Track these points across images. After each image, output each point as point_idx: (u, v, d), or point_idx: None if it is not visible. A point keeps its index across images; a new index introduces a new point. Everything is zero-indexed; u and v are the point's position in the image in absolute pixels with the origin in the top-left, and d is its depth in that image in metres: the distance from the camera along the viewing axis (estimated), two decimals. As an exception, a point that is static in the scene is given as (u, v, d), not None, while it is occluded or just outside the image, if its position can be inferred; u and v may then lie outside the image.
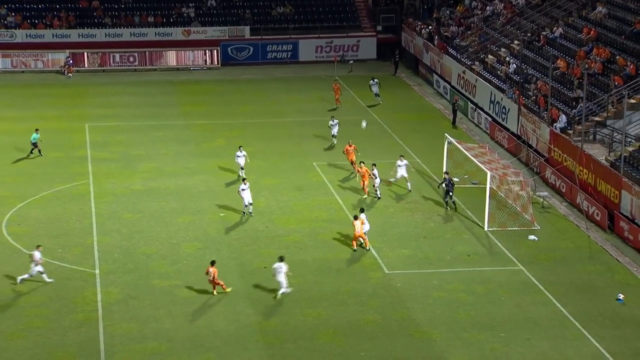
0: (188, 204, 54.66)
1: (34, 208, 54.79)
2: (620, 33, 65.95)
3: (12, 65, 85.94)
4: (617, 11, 68.89)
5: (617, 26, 67.08)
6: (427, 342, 40.98)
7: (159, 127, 70.23)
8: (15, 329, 41.62)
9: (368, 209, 53.94)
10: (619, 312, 44.00)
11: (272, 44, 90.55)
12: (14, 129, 69.12)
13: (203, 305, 43.81)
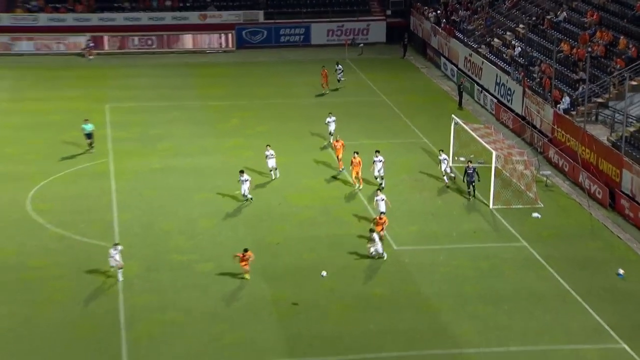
0: (204, 182, 54.81)
1: (56, 185, 55.03)
2: (622, 17, 65.83)
3: (35, 48, 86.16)
4: (619, -4, 68.85)
5: (620, 10, 66.97)
6: (433, 314, 41.16)
7: (176, 107, 70.38)
8: (39, 301, 41.94)
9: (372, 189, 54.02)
10: (619, 287, 44.12)
11: (285, 28, 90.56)
12: (37, 109, 69.40)
13: (219, 278, 44.03)
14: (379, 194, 49.39)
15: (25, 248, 47.04)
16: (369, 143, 61.91)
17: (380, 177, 54.29)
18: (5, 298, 42.21)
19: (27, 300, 42.04)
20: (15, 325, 39.93)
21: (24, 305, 41.53)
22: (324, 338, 39.17)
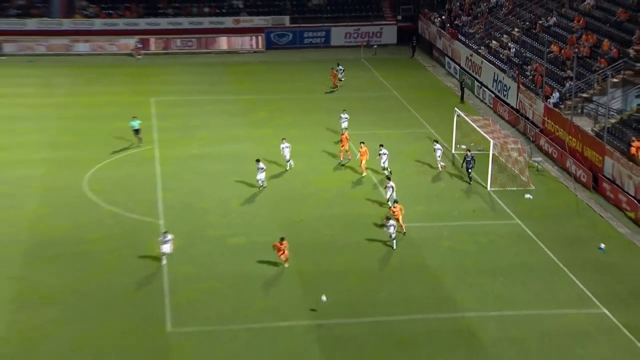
0: (237, 167, 54.87)
1: (109, 169, 55.17)
2: (605, 22, 65.45)
3: (91, 49, 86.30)
4: (603, 3, 68.32)
5: (603, 16, 66.58)
6: (438, 284, 41.17)
7: (212, 101, 70.42)
8: (94, 269, 42.17)
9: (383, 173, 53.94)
10: (600, 259, 44.10)
11: (308, 31, 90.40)
12: (92, 103, 69.59)
13: (249, 252, 44.09)
14: (389, 182, 49.08)
15: (82, 223, 47.29)
16: (382, 133, 61.98)
17: (385, 168, 53.82)
18: (64, 267, 42.45)
19: (83, 269, 42.31)
20: (71, 292, 40.18)
21: (80, 274, 41.78)
22: (341, 304, 39.21)
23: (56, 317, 38.04)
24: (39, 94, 72.06)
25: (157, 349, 35.84)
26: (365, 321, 37.94)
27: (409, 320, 38.04)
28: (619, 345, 36.58)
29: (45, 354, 35.49)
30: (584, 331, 37.52)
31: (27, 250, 44.12)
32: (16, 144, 59.36)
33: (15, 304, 39.13)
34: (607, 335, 37.32)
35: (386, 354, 35.66)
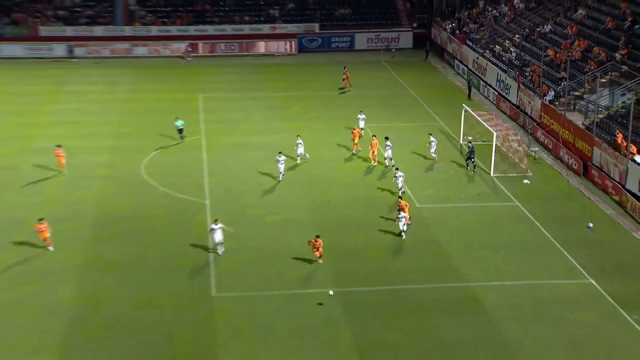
0: (272, 155, 54.83)
1: (162, 156, 55.45)
2: (595, 29, 65.09)
3: (148, 52, 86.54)
4: (593, 13, 68.05)
5: (593, 24, 66.21)
6: (446, 258, 41.20)
7: (251, 97, 70.46)
8: (147, 244, 42.50)
9: (403, 161, 53.95)
10: (588, 237, 43.99)
11: (335, 37, 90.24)
12: (149, 98, 69.88)
13: (282, 228, 44.29)
14: (398, 172, 48.64)
15: (139, 203, 47.63)
16: (399, 125, 61.98)
17: (389, 158, 53.15)
18: (125, 241, 42.84)
19: (141, 242, 42.68)
20: (132, 261, 40.58)
21: (139, 246, 42.18)
22: (362, 274, 39.41)
23: (118, 282, 38.46)
24: (104, 91, 72.40)
25: (203, 311, 36.13)
26: (383, 289, 38.06)
27: (420, 288, 38.13)
28: (603, 312, 36.56)
29: (109, 313, 35.94)
30: (573, 299, 37.52)
31: (95, 225, 44.56)
32: (85, 134, 59.77)
33: (85, 270, 39.59)
34: (594, 302, 37.30)
35: (401, 317, 35.78)
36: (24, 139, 58.60)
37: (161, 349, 33.46)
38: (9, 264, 40.05)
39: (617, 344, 34.28)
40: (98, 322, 35.29)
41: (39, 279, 38.75)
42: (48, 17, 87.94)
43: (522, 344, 34.02)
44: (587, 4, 70.46)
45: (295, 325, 34.90)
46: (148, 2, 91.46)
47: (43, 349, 33.39)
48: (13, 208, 46.69)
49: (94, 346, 33.64)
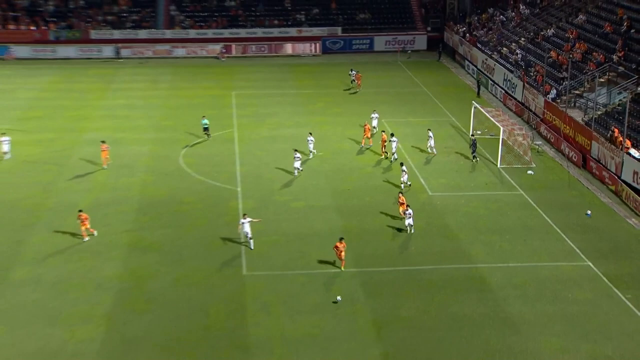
0: (298, 146, 54.99)
1: (199, 147, 55.63)
2: (594, 33, 64.66)
3: (186, 53, 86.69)
4: (593, 18, 67.57)
5: (592, 29, 65.76)
6: (456, 241, 41.19)
7: (279, 94, 70.53)
8: (186, 225, 42.78)
9: (417, 152, 53.84)
10: (587, 222, 43.83)
11: (356, 39, 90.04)
12: (187, 95, 70.12)
13: (306, 213, 44.40)
14: (403, 167, 48.09)
15: (178, 189, 47.87)
16: (414, 120, 61.87)
17: (393, 154, 52.49)
18: (164, 223, 43.12)
19: (178, 224, 42.93)
20: (171, 242, 40.85)
21: (176, 228, 42.44)
22: (378, 255, 39.49)
23: (159, 260, 38.76)
24: (147, 88, 72.73)
25: (235, 287, 36.37)
26: (399, 269, 38.11)
27: (432, 269, 38.16)
28: (599, 290, 36.49)
29: (151, 288, 36.27)
30: (572, 279, 37.42)
31: (138, 209, 44.87)
32: (130, 126, 60.12)
33: (129, 250, 39.93)
34: (590, 282, 37.20)
35: (414, 295, 35.84)
36: (76, 130, 59.05)
37: (197, 321, 33.72)
38: (63, 243, 40.49)
39: (611, 319, 34.23)
40: (141, 296, 35.62)
41: (89, 257, 39.14)
42: (98, 22, 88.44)
43: (524, 320, 34.00)
44: (587, 10, 70.10)
45: (318, 301, 35.04)
46: (187, 8, 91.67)
47: (92, 319, 33.77)
48: (66, 193, 47.14)
49: (137, 317, 33.97)
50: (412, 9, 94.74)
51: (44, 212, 44.19)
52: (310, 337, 32.57)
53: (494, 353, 31.77)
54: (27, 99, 67.92)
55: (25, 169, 50.89)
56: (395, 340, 32.42)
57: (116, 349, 31.86)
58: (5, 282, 36.63)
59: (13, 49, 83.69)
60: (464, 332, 33.07)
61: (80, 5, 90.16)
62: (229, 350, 31.78)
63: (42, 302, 35.06)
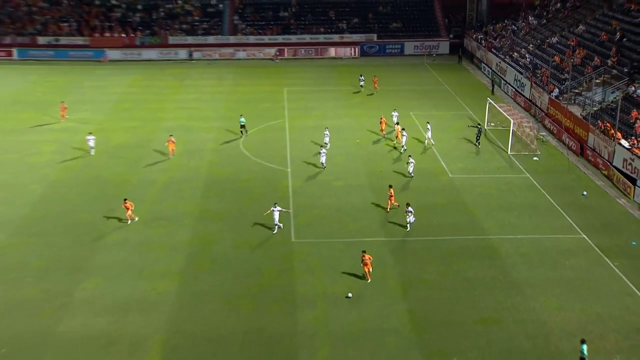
0: (339, 134, 55.11)
1: (256, 134, 55.78)
2: (592, 41, 63.52)
3: (246, 55, 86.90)
4: (591, 29, 66.35)
5: (590, 37, 64.61)
6: (471, 216, 40.97)
7: (323, 90, 70.37)
8: (244, 200, 42.89)
9: (440, 140, 53.45)
10: (583, 202, 43.31)
11: (389, 44, 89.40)
12: (246, 90, 70.24)
13: (345, 191, 44.41)
14: (410, 159, 46.72)
15: (238, 169, 48.12)
16: (437, 114, 61.35)
17: (402, 146, 51.17)
18: (227, 197, 43.46)
19: (238, 199, 43.22)
20: (232, 213, 41.17)
21: (237, 202, 42.72)
22: (405, 226, 39.33)
23: (222, 229, 39.13)
24: (214, 84, 73.06)
25: (285, 251, 36.63)
26: (422, 239, 38.06)
27: (451, 239, 38.06)
28: (592, 259, 36.18)
29: (215, 251, 36.68)
30: (569, 249, 37.09)
31: (205, 186, 45.23)
32: (199, 117, 60.55)
33: (198, 219, 40.36)
34: (585, 252, 36.86)
35: (435, 261, 35.82)
36: (156, 120, 59.69)
37: (253, 279, 34.08)
38: (144, 212, 41.13)
39: (601, 283, 33.97)
40: (207, 257, 36.07)
41: (165, 224, 39.68)
42: (175, 30, 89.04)
43: (528, 283, 33.82)
44: (586, 21, 68.94)
45: (354, 264, 35.14)
46: (247, 18, 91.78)
47: (168, 275, 34.33)
48: (147, 171, 47.78)
49: (204, 275, 34.44)
50: (437, 19, 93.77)
51: (129, 186, 44.89)
52: (346, 294, 32.75)
53: (501, 310, 31.69)
54: (117, 93, 68.81)
55: (115, 151, 51.70)
56: (419, 299, 32.47)
57: (187, 300, 32.37)
58: (101, 243, 37.41)
59: (107, 53, 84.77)
60: (477, 292, 33.01)
61: (161, 17, 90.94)
62: (279, 303, 32.11)
63: (128, 260, 35.73)
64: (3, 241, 37.37)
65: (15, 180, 45.76)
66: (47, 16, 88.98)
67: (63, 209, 41.36)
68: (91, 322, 30.62)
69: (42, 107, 62.79)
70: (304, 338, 29.65)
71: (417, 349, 29.08)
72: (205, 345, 29.26)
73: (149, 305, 31.81)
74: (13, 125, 57.72)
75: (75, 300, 32.23)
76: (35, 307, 31.70)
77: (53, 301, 32.09)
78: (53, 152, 51.07)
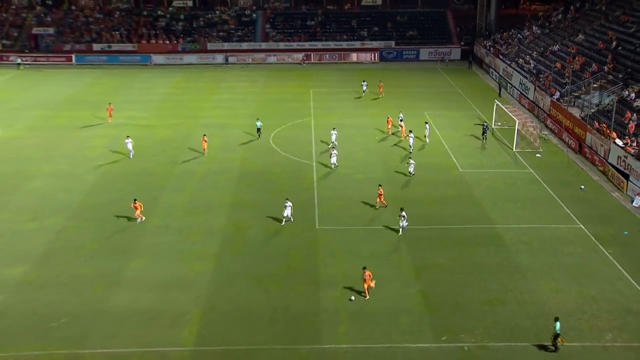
0: (359, 131, 55.01)
1: (284, 131, 55.83)
2: (590, 49, 62.78)
3: (276, 59, 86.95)
4: (589, 38, 65.57)
5: (589, 45, 63.85)
6: (479, 207, 40.70)
7: (345, 91, 70.18)
8: (274, 190, 42.99)
9: (452, 138, 53.11)
10: (580, 195, 42.84)
11: (406, 50, 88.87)
12: (276, 91, 70.27)
13: (364, 183, 44.23)
14: (411, 160, 45.61)
15: (268, 163, 48.15)
16: (449, 114, 60.99)
17: (410, 146, 50.10)
18: (257, 188, 43.51)
19: (268, 189, 43.25)
20: (262, 202, 41.23)
21: (267, 192, 42.75)
22: (420, 216, 39.20)
23: (253, 215, 39.25)
24: (247, 86, 73.19)
25: (310, 237, 36.66)
26: (435, 228, 37.91)
27: (461, 228, 37.86)
28: (588, 247, 35.82)
29: (247, 235, 36.82)
30: (567, 238, 36.75)
31: (238, 178, 45.34)
32: (234, 115, 60.70)
33: (231, 207, 40.51)
34: (581, 240, 36.49)
35: (446, 247, 35.66)
36: (195, 117, 60.01)
37: (281, 262, 34.21)
38: (185, 201, 41.45)
39: (596, 269, 33.65)
40: (240, 242, 36.25)
41: (202, 211, 39.94)
42: (213, 37, 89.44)
43: (529, 267, 33.60)
44: (585, 31, 68.13)
45: (373, 250, 35.14)
46: (278, 26, 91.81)
47: (205, 257, 34.59)
48: (187, 164, 48.10)
49: (237, 257, 34.65)
50: (450, 28, 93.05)
51: (171, 177, 45.23)
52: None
53: (506, 292, 31.53)
54: (162, 94, 69.27)
55: (159, 145, 52.10)
56: (430, 281, 32.39)
57: (222, 279, 32.61)
58: (146, 228, 37.77)
59: (153, 58, 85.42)
60: (484, 275, 32.86)
61: (201, 25, 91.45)
62: (304, 284, 32.21)
63: (170, 243, 36.05)
64: (62, 224, 37.92)
65: (72, 171, 46.35)
66: (102, 26, 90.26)
67: (113, 197, 41.82)
68: (137, 298, 30.99)
69: (95, 106, 63.44)
70: (326, 315, 29.74)
71: (428, 326, 29.06)
72: (237, 320, 29.47)
73: (188, 284, 32.10)
74: (70, 122, 58.42)
75: (124, 278, 32.63)
76: (89, 283, 32.16)
77: (104, 278, 32.53)
78: (104, 146, 51.61)
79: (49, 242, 35.95)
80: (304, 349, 27.70)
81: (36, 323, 29.17)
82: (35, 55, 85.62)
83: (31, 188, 43.21)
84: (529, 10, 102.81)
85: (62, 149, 50.86)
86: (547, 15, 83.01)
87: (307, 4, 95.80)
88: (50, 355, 27.26)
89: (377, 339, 28.24)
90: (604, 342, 28.28)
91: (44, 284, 32.05)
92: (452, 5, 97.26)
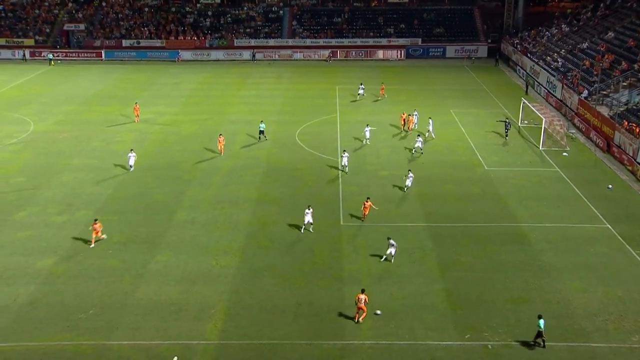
0: (382, 128, 54.79)
1: (310, 127, 55.86)
2: (620, 47, 61.85)
3: (303, 56, 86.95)
4: (619, 35, 64.67)
5: (619, 43, 62.91)
6: (504, 205, 40.37)
7: (371, 89, 69.74)
8: (299, 185, 43.08)
9: (477, 135, 52.66)
10: (608, 194, 42.26)
11: (432, 48, 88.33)
12: (302, 88, 70.32)
13: (390, 180, 44.11)
14: (410, 173, 42.26)
15: (294, 159, 48.24)
16: (475, 111, 60.51)
17: (420, 149, 48.80)
18: (284, 183, 43.61)
19: (293, 185, 43.32)
20: (288, 197, 41.35)
21: (292, 187, 42.85)
22: (444, 214, 39.08)
23: (278, 211, 39.38)
24: (273, 82, 73.38)
25: (334, 233, 36.68)
26: (459, 225, 37.69)
27: (486, 226, 37.59)
28: (615, 247, 35.35)
29: (272, 231, 36.93)
30: (594, 237, 36.28)
31: (264, 173, 45.50)
32: (260, 111, 60.84)
33: (257, 202, 40.68)
34: (608, 240, 36.01)
35: (471, 245, 35.44)
36: (222, 113, 60.34)
37: (306, 257, 34.27)
38: (211, 195, 41.72)
39: (623, 269, 33.18)
40: (265, 237, 36.38)
41: (228, 206, 40.16)
42: (240, 33, 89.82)
43: (554, 267, 33.23)
44: (615, 29, 67.11)
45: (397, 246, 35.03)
46: (304, 23, 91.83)
47: (230, 251, 34.79)
48: (213, 159, 48.38)
49: (262, 252, 34.78)
50: (477, 25, 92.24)
51: (197, 172, 45.55)
52: (389, 273, 32.72)
53: (530, 291, 31.24)
54: (189, 89, 69.77)
55: (186, 140, 52.48)
56: (454, 279, 32.22)
57: (247, 274, 32.78)
58: (172, 222, 38.10)
59: (181, 54, 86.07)
60: (508, 274, 32.58)
61: (228, 22, 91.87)
62: (329, 279, 32.24)
63: (196, 237, 36.32)
64: (91, 217, 38.40)
65: (101, 164, 46.92)
66: (131, 22, 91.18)
67: (140, 191, 42.25)
68: (163, 290, 31.29)
69: (124, 101, 64.12)
70: (350, 311, 29.73)
71: (451, 324, 28.91)
72: (261, 314, 29.61)
73: (213, 278, 32.31)
74: (100, 116, 59.12)
75: (150, 270, 32.96)
76: (116, 275, 32.55)
77: (131, 271, 32.89)
78: (133, 140, 52.14)
79: (78, 235, 36.45)
80: (327, 344, 27.75)
81: (65, 314, 29.61)
82: (67, 50, 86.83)
83: (61, 181, 43.85)
84: (557, 7, 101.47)
85: (92, 143, 51.51)
86: (576, 12, 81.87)
87: (334, 0, 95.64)
88: (79, 346, 27.67)
89: (400, 336, 28.17)
90: (631, 343, 27.88)
91: (73, 276, 32.51)
92: (479, 3, 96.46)
